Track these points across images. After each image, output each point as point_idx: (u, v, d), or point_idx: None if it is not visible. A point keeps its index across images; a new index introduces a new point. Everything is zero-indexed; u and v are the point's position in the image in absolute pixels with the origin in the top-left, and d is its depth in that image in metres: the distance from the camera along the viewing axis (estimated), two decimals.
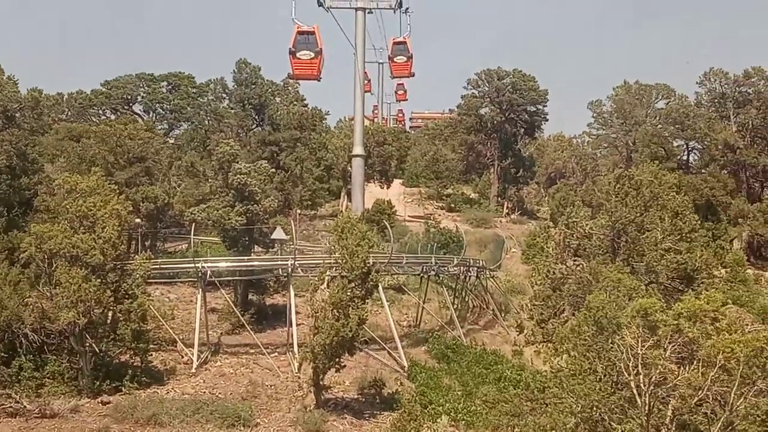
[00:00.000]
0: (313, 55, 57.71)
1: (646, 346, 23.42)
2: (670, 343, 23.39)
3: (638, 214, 39.83)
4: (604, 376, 26.36)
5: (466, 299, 56.59)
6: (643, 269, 38.63)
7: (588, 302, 30.69)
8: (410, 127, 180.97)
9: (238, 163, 48.24)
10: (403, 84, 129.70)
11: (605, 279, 34.34)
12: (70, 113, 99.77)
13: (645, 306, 23.69)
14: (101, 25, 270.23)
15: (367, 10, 66.65)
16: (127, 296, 38.11)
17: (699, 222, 44.29)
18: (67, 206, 38.02)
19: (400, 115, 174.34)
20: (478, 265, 57.21)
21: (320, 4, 63.44)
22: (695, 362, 23.22)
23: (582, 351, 28.73)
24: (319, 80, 59.86)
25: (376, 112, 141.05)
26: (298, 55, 57.63)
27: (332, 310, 36.10)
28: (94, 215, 37.70)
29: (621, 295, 31.44)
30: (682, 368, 23.51)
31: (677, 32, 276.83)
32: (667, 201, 39.33)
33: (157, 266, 43.58)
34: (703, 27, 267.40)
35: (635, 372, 23.36)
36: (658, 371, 23.21)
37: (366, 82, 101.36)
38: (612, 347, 26.71)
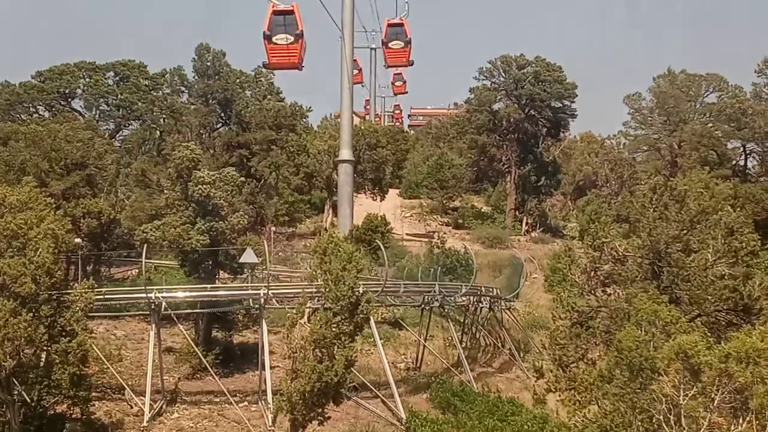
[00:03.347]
0: (292, 39, 57.88)
1: (689, 395, 23.49)
2: (718, 390, 23.46)
3: (683, 231, 39.93)
4: (642, 430, 26.47)
5: (477, 336, 56.80)
6: (687, 299, 38.71)
7: (618, 341, 30.81)
8: (409, 126, 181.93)
9: (199, 170, 48.42)
10: (401, 74, 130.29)
11: (638, 311, 34.41)
12: None
13: (685, 346, 23.75)
14: (32, 3, 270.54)
15: None
16: (64, 333, 38.02)
17: (759, 241, 44.35)
18: None
19: (397, 111, 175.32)
20: (491, 294, 57.46)
21: None
22: (749, 414, 23.30)
23: (614, 401, 28.86)
24: (300, 69, 60.08)
25: (368, 108, 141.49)
26: (274, 39, 57.81)
27: (314, 349, 36.15)
28: (25, 235, 37.77)
29: (657, 331, 31.46)
30: (733, 421, 23.57)
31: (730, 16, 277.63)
32: (722, 216, 39.44)
33: (102, 297, 43.50)
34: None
35: (677, 426, 23.41)
36: (704, 425, 23.27)
37: (356, 71, 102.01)
38: (648, 395, 26.87)
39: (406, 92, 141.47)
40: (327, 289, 37.00)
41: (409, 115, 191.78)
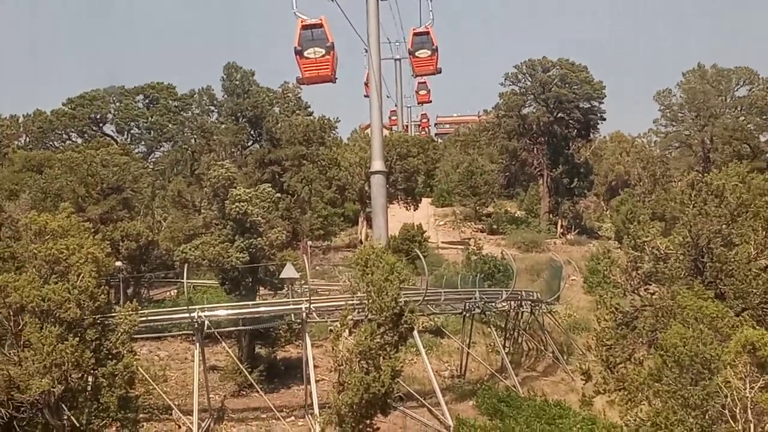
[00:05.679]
0: (323, 51, 57.76)
1: (755, 388, 23.25)
2: None
3: (724, 226, 39.60)
4: (697, 426, 26.27)
5: (520, 341, 56.54)
6: (732, 294, 38.33)
7: (665, 338, 30.60)
8: (436, 134, 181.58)
9: (236, 188, 48.47)
10: (425, 83, 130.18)
11: (684, 308, 34.17)
12: (28, 139, 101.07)
13: (752, 339, 23.53)
14: (60, 31, 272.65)
15: None
16: (110, 356, 38.21)
17: None
18: (35, 251, 38.31)
19: (424, 120, 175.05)
20: (532, 298, 57.22)
21: None
22: None
23: (665, 398, 28.68)
24: (334, 81, 60.04)
25: (393, 118, 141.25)
26: (305, 54, 57.71)
27: (359, 361, 36.12)
28: (67, 260, 38.00)
29: (705, 327, 31.22)
30: None
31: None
32: (760, 209, 39.07)
33: (144, 318, 43.71)
34: None
35: (743, 420, 23.19)
36: None
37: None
38: (699, 391, 26.68)
39: (431, 101, 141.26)
40: (370, 301, 36.97)
41: (435, 124, 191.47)
